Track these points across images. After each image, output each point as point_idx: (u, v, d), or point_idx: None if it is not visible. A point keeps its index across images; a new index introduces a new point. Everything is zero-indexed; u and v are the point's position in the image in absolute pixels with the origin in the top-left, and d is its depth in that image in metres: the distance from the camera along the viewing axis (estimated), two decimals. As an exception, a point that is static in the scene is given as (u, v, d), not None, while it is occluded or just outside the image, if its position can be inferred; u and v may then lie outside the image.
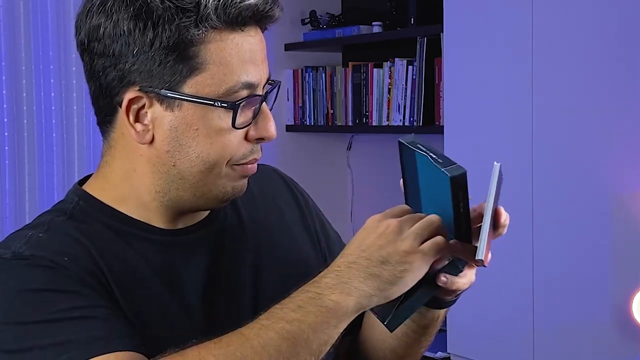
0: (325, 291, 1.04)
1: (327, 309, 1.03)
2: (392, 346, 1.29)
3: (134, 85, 1.11)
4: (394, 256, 1.03)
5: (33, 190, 3.59)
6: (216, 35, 1.10)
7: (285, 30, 4.15)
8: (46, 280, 1.08)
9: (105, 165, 1.20)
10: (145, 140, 1.14)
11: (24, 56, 3.53)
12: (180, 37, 1.09)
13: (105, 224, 1.18)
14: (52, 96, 3.58)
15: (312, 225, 1.36)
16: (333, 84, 4.08)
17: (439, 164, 1.03)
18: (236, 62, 1.11)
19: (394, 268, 1.03)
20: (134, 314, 1.12)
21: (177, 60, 1.10)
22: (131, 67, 1.11)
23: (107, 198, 1.19)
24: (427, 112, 3.62)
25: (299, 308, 1.03)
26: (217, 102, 1.11)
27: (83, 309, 1.07)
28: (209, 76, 1.11)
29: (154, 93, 1.11)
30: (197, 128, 1.12)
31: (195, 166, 1.14)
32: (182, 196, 1.17)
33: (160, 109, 1.12)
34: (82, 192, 1.21)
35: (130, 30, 1.09)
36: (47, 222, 1.16)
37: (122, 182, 1.18)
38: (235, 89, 1.11)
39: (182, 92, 1.11)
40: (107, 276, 1.12)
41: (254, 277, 1.25)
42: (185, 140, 1.13)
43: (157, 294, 1.16)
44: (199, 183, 1.15)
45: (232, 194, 1.18)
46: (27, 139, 3.56)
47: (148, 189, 1.17)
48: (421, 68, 3.61)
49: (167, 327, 1.15)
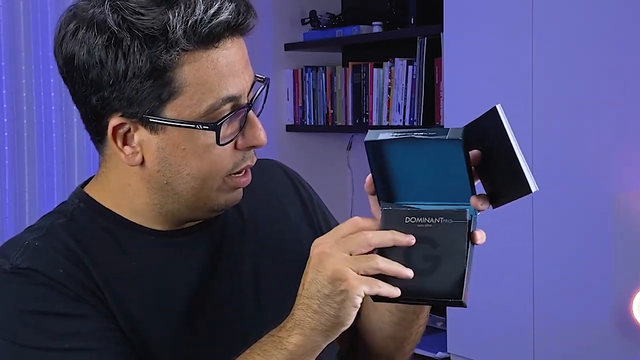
0: (285, 334, 1.04)
1: (287, 351, 1.04)
2: (391, 333, 1.29)
3: (116, 111, 1.10)
4: (328, 287, 1.00)
5: (33, 190, 3.61)
6: (189, 57, 1.08)
7: (285, 30, 4.15)
8: (43, 300, 1.09)
9: (102, 174, 1.21)
10: (136, 162, 1.14)
11: (24, 56, 3.54)
12: (153, 64, 1.07)
13: (104, 227, 1.18)
14: (52, 96, 3.58)
15: (315, 218, 1.36)
16: (333, 83, 4.08)
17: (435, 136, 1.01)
18: (214, 80, 1.09)
19: (332, 300, 1.01)
20: (130, 321, 1.13)
21: (153, 87, 1.08)
22: (110, 96, 1.09)
23: (106, 202, 1.20)
24: (427, 112, 3.62)
25: (263, 352, 1.05)
26: (198, 125, 1.09)
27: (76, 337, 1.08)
28: (187, 98, 1.09)
29: (137, 118, 1.10)
30: (184, 148, 1.12)
31: (187, 182, 1.14)
32: (178, 209, 1.17)
33: (145, 132, 1.12)
34: (83, 194, 1.22)
35: (103, 62, 1.08)
36: (46, 226, 1.17)
37: (118, 192, 1.19)
38: (217, 106, 1.10)
39: (163, 116, 1.10)
40: (101, 288, 1.13)
41: (255, 273, 1.24)
42: (174, 160, 1.12)
43: (156, 298, 1.16)
44: (193, 198, 1.15)
45: (226, 205, 1.18)
46: (27, 139, 3.57)
47: (144, 201, 1.17)
48: (421, 68, 3.61)
49: (167, 328, 1.15)
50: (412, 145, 1.04)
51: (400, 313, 1.24)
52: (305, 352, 1.04)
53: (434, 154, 1.04)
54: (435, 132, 1.02)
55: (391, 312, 1.25)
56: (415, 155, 1.05)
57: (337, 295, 1.00)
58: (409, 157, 1.05)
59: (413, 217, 1.05)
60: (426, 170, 1.06)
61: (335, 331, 1.03)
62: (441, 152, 1.03)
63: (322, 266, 1.01)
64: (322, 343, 1.04)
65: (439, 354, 3.36)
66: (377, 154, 1.06)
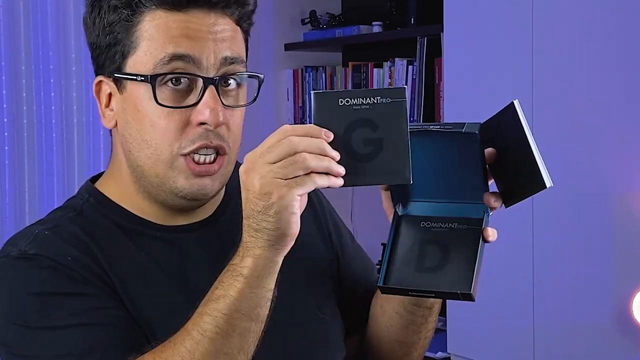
0: (237, 261, 1.03)
1: (243, 276, 1.02)
2: (399, 336, 1.28)
3: (102, 70, 1.19)
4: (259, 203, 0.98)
5: (33, 190, 3.59)
6: (150, 14, 1.13)
7: (285, 30, 4.15)
8: (50, 282, 1.11)
9: (111, 165, 1.24)
10: (111, 125, 1.19)
11: (24, 56, 3.53)
12: (119, 18, 1.14)
13: (112, 221, 1.20)
14: (52, 96, 3.58)
15: (324, 222, 1.35)
16: (333, 83, 4.08)
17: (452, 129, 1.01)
18: (166, 36, 1.13)
19: (266, 215, 0.98)
20: (139, 311, 1.14)
21: (118, 41, 1.15)
22: (94, 54, 1.19)
23: (115, 195, 1.22)
24: (427, 112, 3.61)
25: (220, 284, 1.04)
26: (138, 77, 1.13)
27: (85, 314, 1.09)
28: (142, 53, 1.14)
29: (109, 77, 1.17)
30: (139, 109, 1.15)
31: (142, 150, 1.15)
32: (145, 187, 1.19)
33: (117, 92, 1.17)
34: (92, 188, 1.24)
35: (93, 21, 1.18)
36: (56, 218, 1.20)
37: (120, 176, 1.22)
38: (164, 61, 1.12)
39: (124, 72, 1.15)
40: (110, 276, 1.14)
41: None
42: (132, 123, 1.16)
43: (164, 290, 1.17)
44: (150, 171, 1.16)
45: (190, 191, 1.17)
46: (27, 139, 3.55)
47: (133, 187, 1.20)
48: (421, 68, 3.60)
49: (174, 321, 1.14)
50: (427, 138, 1.03)
51: (410, 315, 1.24)
52: (261, 273, 1.02)
53: (449, 148, 1.03)
54: (451, 125, 1.02)
55: (400, 314, 1.24)
56: (430, 148, 1.04)
57: (270, 208, 0.98)
58: (423, 150, 1.04)
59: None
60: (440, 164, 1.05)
61: (283, 243, 1.01)
62: (456, 146, 1.02)
63: (250, 183, 0.99)
64: (275, 258, 1.02)
65: (439, 354, 3.35)
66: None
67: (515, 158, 1.03)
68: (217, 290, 1.04)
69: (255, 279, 1.02)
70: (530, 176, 1.02)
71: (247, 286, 1.02)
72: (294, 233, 1.01)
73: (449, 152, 1.04)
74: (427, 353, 3.28)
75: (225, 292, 1.03)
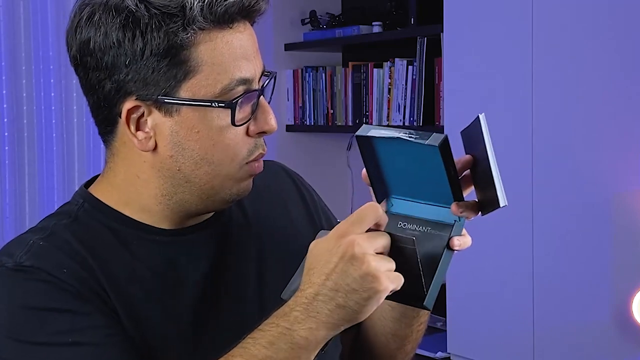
0: (295, 326, 1.01)
1: (297, 345, 1.01)
2: (392, 329, 1.30)
3: (131, 95, 1.12)
4: (359, 282, 0.99)
5: (33, 190, 3.58)
6: (205, 36, 1.11)
7: (285, 30, 4.15)
8: (46, 296, 1.10)
9: (109, 170, 1.21)
10: (148, 148, 1.15)
11: (24, 56, 3.52)
12: (170, 42, 1.09)
13: (108, 227, 1.19)
14: (52, 96, 3.57)
15: (317, 220, 1.37)
16: (333, 84, 4.07)
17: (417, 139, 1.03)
18: (228, 60, 1.12)
19: (360, 296, 0.99)
20: (134, 321, 1.14)
21: (169, 65, 1.10)
22: (126, 78, 1.11)
23: (111, 201, 1.20)
24: (427, 112, 3.61)
25: (270, 344, 1.02)
26: (214, 103, 1.11)
27: (78, 333, 1.09)
28: (203, 77, 1.11)
29: (152, 101, 1.12)
30: (198, 130, 1.13)
31: (200, 168, 1.14)
32: (188, 199, 1.17)
33: (159, 116, 1.13)
34: (87, 194, 1.22)
35: (120, 41, 1.10)
36: (50, 227, 1.18)
37: (125, 187, 1.19)
38: (231, 87, 1.12)
39: (178, 96, 1.11)
40: (105, 288, 1.13)
41: (259, 274, 1.25)
42: (188, 144, 1.13)
43: (158, 297, 1.17)
44: (206, 186, 1.16)
45: (238, 195, 1.19)
46: (27, 139, 3.54)
47: (153, 193, 1.18)
48: (421, 68, 3.60)
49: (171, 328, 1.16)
50: (398, 145, 1.06)
51: (401, 308, 1.25)
52: (314, 346, 1.02)
53: (416, 156, 1.06)
54: (420, 135, 1.04)
55: (392, 306, 1.26)
56: (401, 154, 1.07)
57: (365, 291, 0.99)
58: (395, 155, 1.08)
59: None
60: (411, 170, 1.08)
61: (346, 325, 1.02)
62: (421, 155, 1.05)
63: (358, 260, 0.99)
64: (328, 337, 1.03)
65: (438, 354, 3.34)
66: (367, 148, 1.09)
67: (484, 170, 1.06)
68: (263, 350, 1.02)
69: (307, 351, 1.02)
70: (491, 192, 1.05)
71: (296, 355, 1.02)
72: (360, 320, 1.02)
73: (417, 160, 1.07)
74: (427, 353, 3.32)
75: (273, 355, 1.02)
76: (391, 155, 1.08)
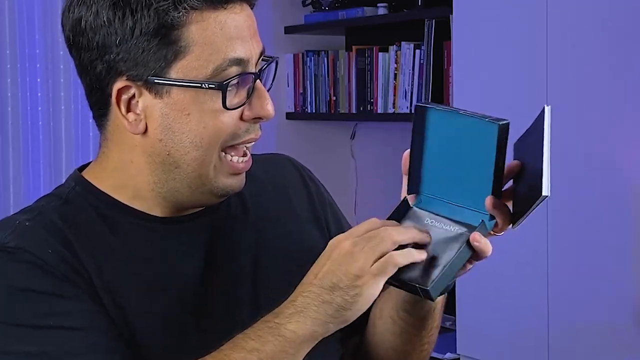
0: (283, 320, 1.08)
1: (284, 338, 1.07)
2: (393, 344, 1.32)
3: (121, 75, 1.15)
4: (344, 281, 1.06)
5: (18, 192, 3.57)
6: (198, 16, 1.13)
7: (285, 12, 4.14)
8: (30, 278, 1.13)
9: (103, 155, 1.24)
10: (139, 130, 1.17)
11: (9, 54, 3.50)
12: (160, 21, 1.12)
13: (99, 211, 1.21)
14: (39, 96, 3.55)
15: (322, 214, 1.39)
16: (336, 69, 4.06)
17: (479, 117, 1.05)
18: (221, 40, 1.14)
19: (345, 293, 1.06)
20: (119, 309, 1.16)
21: (160, 45, 1.13)
22: (116, 57, 1.14)
23: (104, 185, 1.23)
24: (436, 99, 3.58)
25: (258, 337, 1.08)
26: (204, 84, 1.13)
27: (62, 316, 1.11)
28: (194, 58, 1.13)
29: (142, 81, 1.15)
30: (188, 113, 1.15)
31: (188, 153, 1.16)
32: (178, 188, 1.19)
33: (150, 97, 1.16)
34: (80, 177, 1.25)
35: (110, 20, 1.13)
36: (39, 207, 1.21)
37: (119, 172, 1.22)
38: (223, 67, 1.14)
39: (169, 77, 1.14)
40: (90, 273, 1.15)
41: (253, 266, 1.27)
42: (178, 127, 1.16)
43: (147, 286, 1.19)
44: (193, 173, 1.17)
45: (227, 190, 1.20)
46: (12, 142, 3.52)
47: (145, 179, 1.20)
48: (429, 52, 3.57)
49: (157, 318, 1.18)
50: (454, 118, 1.08)
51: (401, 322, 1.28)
52: (302, 340, 1.08)
53: (470, 136, 1.07)
54: (482, 115, 1.06)
55: (393, 320, 1.28)
56: (454, 133, 1.09)
57: (352, 289, 1.05)
58: (447, 134, 1.10)
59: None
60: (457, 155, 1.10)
61: (336, 323, 1.08)
62: (476, 135, 1.07)
63: (345, 260, 1.06)
64: (320, 334, 1.09)
65: (447, 355, 3.33)
66: (420, 125, 1.11)
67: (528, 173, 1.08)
68: (251, 342, 1.09)
69: (294, 344, 1.08)
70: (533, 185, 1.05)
71: (283, 349, 1.08)
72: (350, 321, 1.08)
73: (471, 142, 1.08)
74: (435, 354, 3.35)
75: (260, 347, 1.08)
76: (443, 134, 1.10)
